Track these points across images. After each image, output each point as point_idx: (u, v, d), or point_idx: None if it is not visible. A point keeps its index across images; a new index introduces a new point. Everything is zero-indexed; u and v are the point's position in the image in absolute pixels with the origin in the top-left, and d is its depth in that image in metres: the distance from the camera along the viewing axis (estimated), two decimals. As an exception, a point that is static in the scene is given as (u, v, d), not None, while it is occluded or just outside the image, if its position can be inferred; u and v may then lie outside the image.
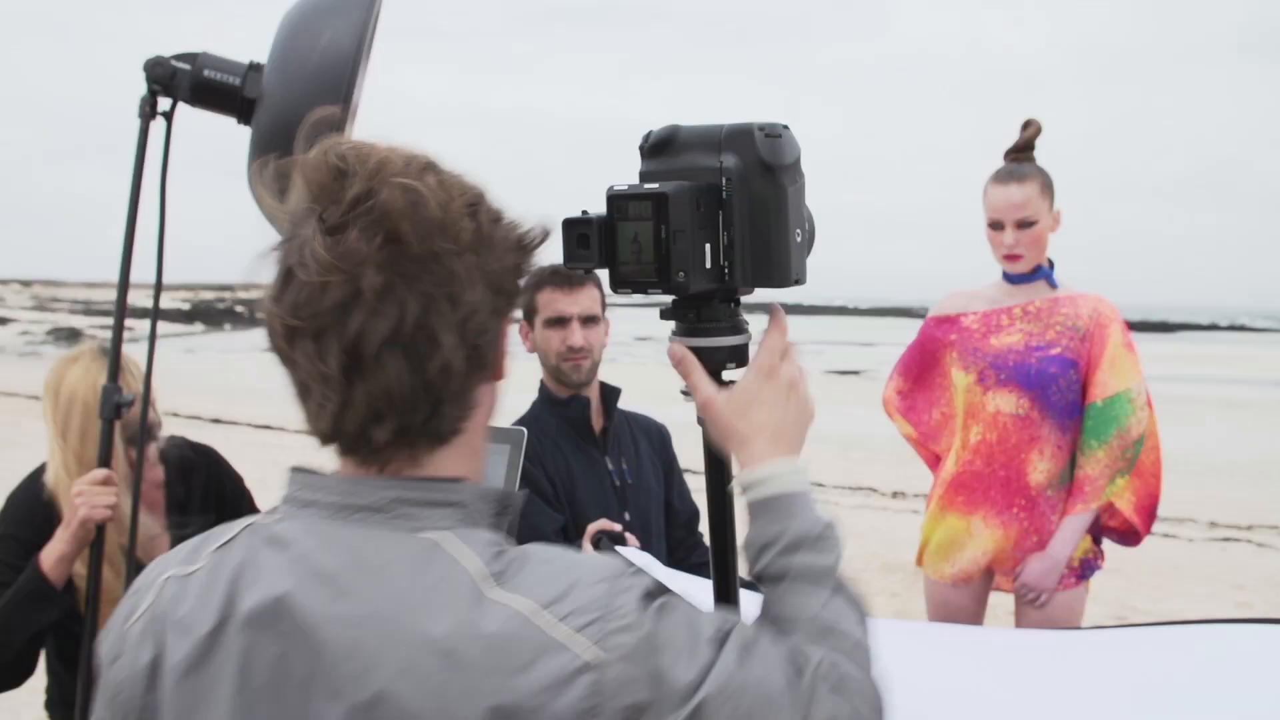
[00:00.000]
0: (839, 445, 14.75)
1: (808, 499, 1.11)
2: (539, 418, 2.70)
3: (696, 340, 1.16)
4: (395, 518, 0.98)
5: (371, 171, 0.96)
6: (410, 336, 0.95)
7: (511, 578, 0.95)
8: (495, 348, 1.02)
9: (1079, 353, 3.06)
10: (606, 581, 0.95)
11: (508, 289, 1.02)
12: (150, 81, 1.94)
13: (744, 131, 1.10)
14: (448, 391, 0.98)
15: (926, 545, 3.27)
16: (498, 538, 1.00)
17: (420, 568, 0.95)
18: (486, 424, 1.08)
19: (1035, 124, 3.12)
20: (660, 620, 0.94)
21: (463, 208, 0.98)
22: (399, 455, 1.01)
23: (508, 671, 0.90)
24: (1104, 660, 2.04)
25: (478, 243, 0.98)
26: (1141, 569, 7.70)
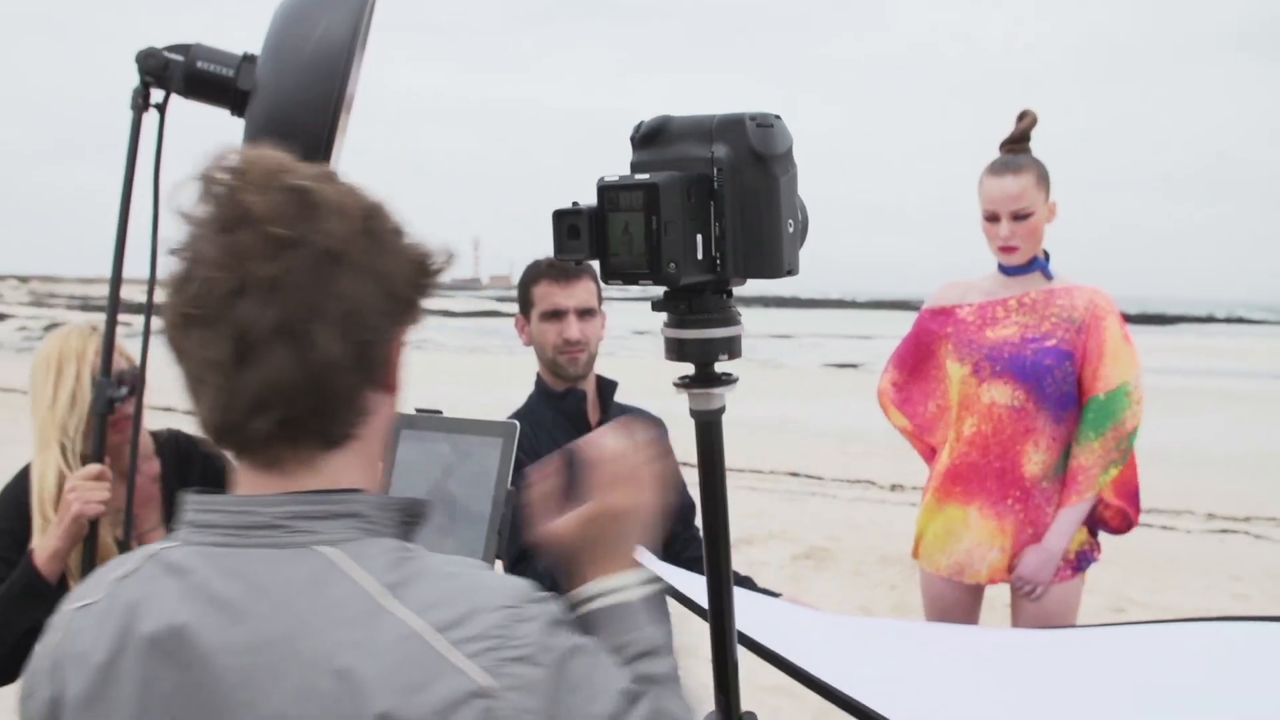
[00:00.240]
0: (837, 439, 14.75)
1: (646, 609, 1.14)
2: (535, 411, 2.69)
3: (688, 332, 1.16)
4: (292, 533, 0.99)
5: (267, 175, 1.00)
6: (295, 328, 0.97)
7: (410, 591, 0.95)
8: (385, 354, 1.04)
9: (1074, 344, 3.06)
10: (509, 609, 0.96)
11: (404, 298, 1.05)
12: (143, 73, 1.93)
13: (735, 121, 1.09)
14: (334, 389, 1.00)
15: (922, 537, 3.26)
16: (400, 546, 1.01)
17: (315, 586, 0.96)
18: (383, 436, 1.09)
19: (1031, 115, 3.12)
20: (570, 660, 0.96)
21: (357, 212, 1.02)
22: (288, 457, 1.02)
23: (402, 691, 0.91)
24: (1102, 660, 2.04)
25: (371, 247, 1.02)
26: (1138, 560, 7.71)
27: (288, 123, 1.77)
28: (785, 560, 7.77)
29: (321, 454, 1.03)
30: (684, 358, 1.17)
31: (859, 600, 6.80)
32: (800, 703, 4.72)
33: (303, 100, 1.77)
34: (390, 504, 1.05)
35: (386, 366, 1.05)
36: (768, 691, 4.89)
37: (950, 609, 3.21)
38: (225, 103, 1.91)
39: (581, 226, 1.09)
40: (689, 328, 1.16)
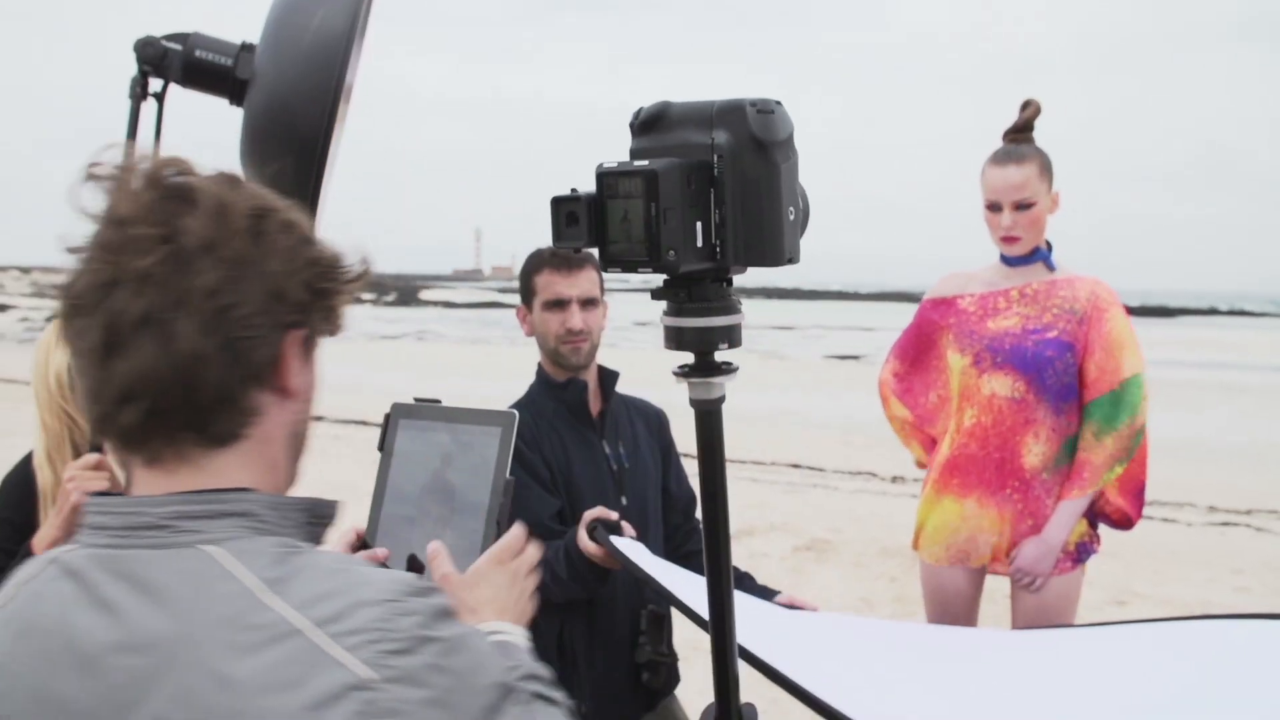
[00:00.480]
0: (838, 430, 14.75)
1: (532, 653, 1.21)
2: (536, 401, 2.68)
3: (687, 320, 1.15)
4: (177, 533, 1.00)
5: (151, 172, 1.03)
6: (158, 320, 0.99)
7: (291, 587, 0.97)
8: (268, 354, 1.05)
9: (1076, 336, 3.05)
10: (390, 602, 0.97)
11: (292, 299, 1.06)
12: (141, 62, 1.92)
13: (736, 107, 1.08)
14: (203, 384, 1.01)
15: (922, 529, 3.26)
16: (286, 543, 1.02)
17: (198, 585, 0.97)
18: (281, 438, 1.10)
19: (1034, 104, 3.10)
20: (451, 651, 0.98)
21: (245, 211, 1.04)
22: (169, 454, 1.04)
23: (278, 688, 0.92)
24: (1101, 662, 2.04)
25: (253, 247, 1.03)
26: (1140, 553, 7.71)
27: (286, 112, 1.77)
28: (786, 552, 7.77)
29: (205, 452, 1.05)
30: (683, 346, 1.16)
31: (860, 592, 6.80)
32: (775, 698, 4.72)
33: (301, 90, 1.76)
34: (288, 504, 1.07)
35: (274, 368, 1.06)
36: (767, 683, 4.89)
37: (951, 600, 3.21)
38: (224, 92, 1.90)
39: (580, 213, 1.08)
40: (688, 316, 1.15)
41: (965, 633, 2.83)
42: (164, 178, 1.03)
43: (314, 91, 1.73)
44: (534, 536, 2.48)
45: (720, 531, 1.25)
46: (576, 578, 2.38)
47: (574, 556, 2.36)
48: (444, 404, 1.50)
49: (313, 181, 1.79)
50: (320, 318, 1.11)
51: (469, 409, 1.48)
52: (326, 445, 12.06)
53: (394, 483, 1.48)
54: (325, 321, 1.13)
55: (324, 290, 1.09)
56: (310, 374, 1.13)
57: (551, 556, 2.42)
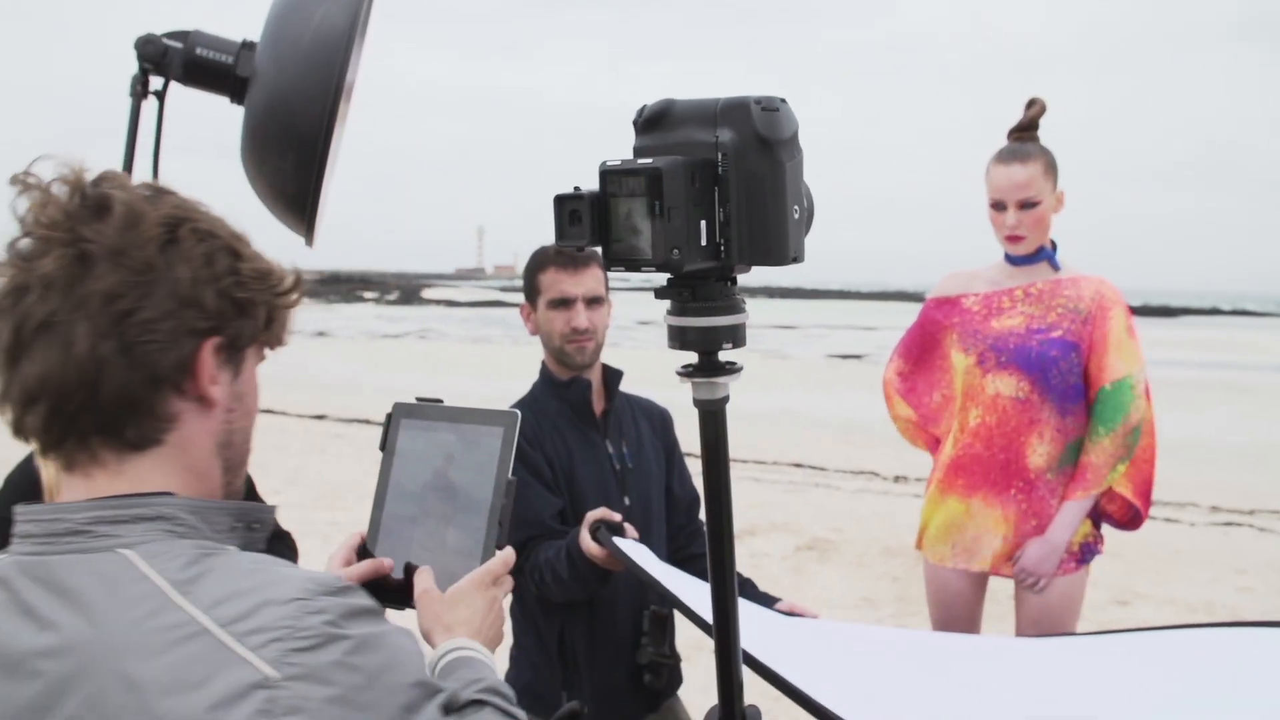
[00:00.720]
0: (840, 429, 14.74)
1: (497, 674, 1.24)
2: (539, 399, 2.67)
3: (691, 320, 1.14)
4: (95, 538, 1.02)
5: (76, 182, 1.05)
6: (58, 324, 1.01)
7: (200, 587, 0.97)
8: (175, 360, 1.05)
9: (1080, 335, 3.04)
10: (299, 600, 0.97)
11: (206, 307, 1.07)
12: (141, 60, 1.90)
13: (740, 105, 1.07)
14: (105, 388, 1.02)
15: (926, 529, 3.25)
16: (201, 546, 1.03)
17: (111, 588, 0.98)
18: (206, 445, 1.11)
19: (1040, 103, 3.09)
20: (361, 650, 0.98)
21: (158, 220, 1.05)
22: (83, 459, 1.06)
23: (183, 688, 0.92)
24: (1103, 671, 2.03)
25: (164, 254, 1.04)
26: (1143, 553, 7.69)
27: (287, 110, 1.76)
28: (788, 551, 7.76)
29: (120, 457, 1.06)
30: (687, 346, 1.15)
31: (862, 592, 6.79)
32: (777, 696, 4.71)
33: (302, 88, 1.75)
34: (214, 509, 1.08)
35: (187, 374, 1.07)
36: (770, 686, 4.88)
37: (954, 600, 3.20)
38: (225, 90, 1.89)
39: (583, 212, 1.07)
40: (692, 315, 1.14)
41: (967, 640, 2.82)
42: (85, 187, 1.06)
43: (315, 89, 1.72)
44: (536, 536, 2.49)
45: (724, 533, 1.24)
46: (577, 578, 2.37)
47: (575, 557, 2.35)
48: (446, 403, 1.50)
49: (313, 180, 1.78)
50: (247, 327, 1.12)
51: (471, 409, 1.47)
52: (328, 444, 12.06)
53: (396, 482, 1.48)
54: (261, 331, 1.14)
55: (245, 300, 1.10)
56: (241, 383, 1.14)
57: (553, 556, 2.41)
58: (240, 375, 1.14)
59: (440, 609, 1.32)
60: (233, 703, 0.92)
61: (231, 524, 1.10)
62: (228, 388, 1.12)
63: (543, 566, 2.44)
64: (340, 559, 1.45)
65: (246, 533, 1.12)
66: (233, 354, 1.12)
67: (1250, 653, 2.03)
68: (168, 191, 1.11)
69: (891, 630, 3.35)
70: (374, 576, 1.42)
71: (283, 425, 13.35)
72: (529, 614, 2.62)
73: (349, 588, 1.02)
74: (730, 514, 1.24)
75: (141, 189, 1.09)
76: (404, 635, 1.05)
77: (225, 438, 1.13)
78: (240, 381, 1.14)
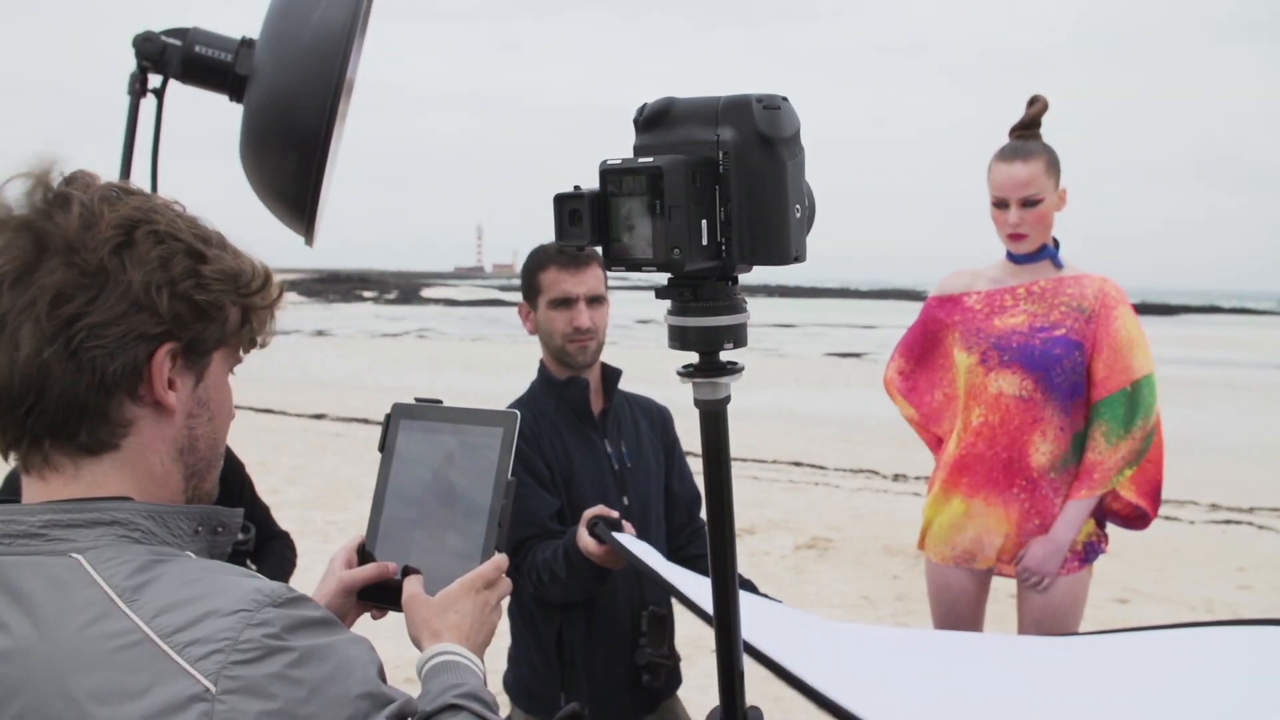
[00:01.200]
0: (839, 427, 14.74)
1: (483, 681, 1.24)
2: (536, 399, 2.66)
3: (692, 319, 1.13)
4: (49, 541, 1.01)
5: (29, 182, 1.05)
6: (9, 326, 1.01)
7: (146, 595, 0.96)
8: (126, 365, 1.04)
9: (1084, 334, 3.03)
10: (244, 612, 0.96)
11: (158, 311, 1.05)
12: (140, 58, 1.90)
13: (741, 103, 1.06)
14: (53, 392, 1.01)
15: (928, 528, 3.24)
16: (159, 552, 1.02)
17: (60, 593, 0.98)
18: (164, 450, 1.09)
19: (1042, 100, 3.08)
20: (303, 663, 0.96)
21: (114, 222, 1.03)
22: (37, 462, 1.05)
23: (122, 698, 0.92)
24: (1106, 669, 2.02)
25: (115, 256, 1.03)
26: (1143, 551, 7.69)
27: (286, 108, 1.75)
28: (788, 550, 7.76)
29: (75, 462, 1.05)
30: (688, 346, 1.15)
31: (861, 591, 6.79)
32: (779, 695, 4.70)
33: (302, 86, 1.74)
34: (173, 514, 1.07)
35: (140, 380, 1.05)
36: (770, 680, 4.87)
37: (957, 599, 3.19)
38: (223, 88, 1.88)
39: (583, 211, 1.06)
40: (693, 315, 1.13)
41: (968, 637, 2.81)
42: (49, 184, 1.05)
43: (314, 87, 1.72)
44: (533, 536, 2.48)
45: (726, 533, 1.23)
46: (575, 577, 2.36)
47: (573, 556, 2.34)
48: (445, 404, 1.49)
49: (314, 179, 1.77)
50: (210, 331, 1.09)
51: (470, 409, 1.47)
52: (327, 443, 12.06)
53: (395, 483, 1.47)
54: (232, 335, 1.12)
55: (206, 303, 1.08)
56: (205, 389, 1.12)
57: (550, 556, 2.40)
58: (204, 380, 1.11)
59: (428, 614, 1.31)
60: (170, 714, 0.91)
61: (194, 528, 1.09)
62: (188, 393, 1.10)
63: (540, 566, 2.43)
64: (341, 560, 1.44)
65: (211, 536, 1.11)
66: (194, 359, 1.10)
67: (1250, 651, 2.02)
68: (134, 192, 1.09)
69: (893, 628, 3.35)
70: (379, 579, 1.41)
71: (282, 424, 13.35)
72: (527, 614, 2.61)
73: (298, 598, 1.00)
74: (732, 516, 1.23)
75: (104, 190, 1.07)
76: (356, 644, 1.03)
77: (186, 443, 1.11)
78: (204, 387, 1.12)
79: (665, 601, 2.62)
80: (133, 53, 1.90)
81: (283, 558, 2.71)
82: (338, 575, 1.41)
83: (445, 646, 1.27)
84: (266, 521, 2.74)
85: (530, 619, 2.60)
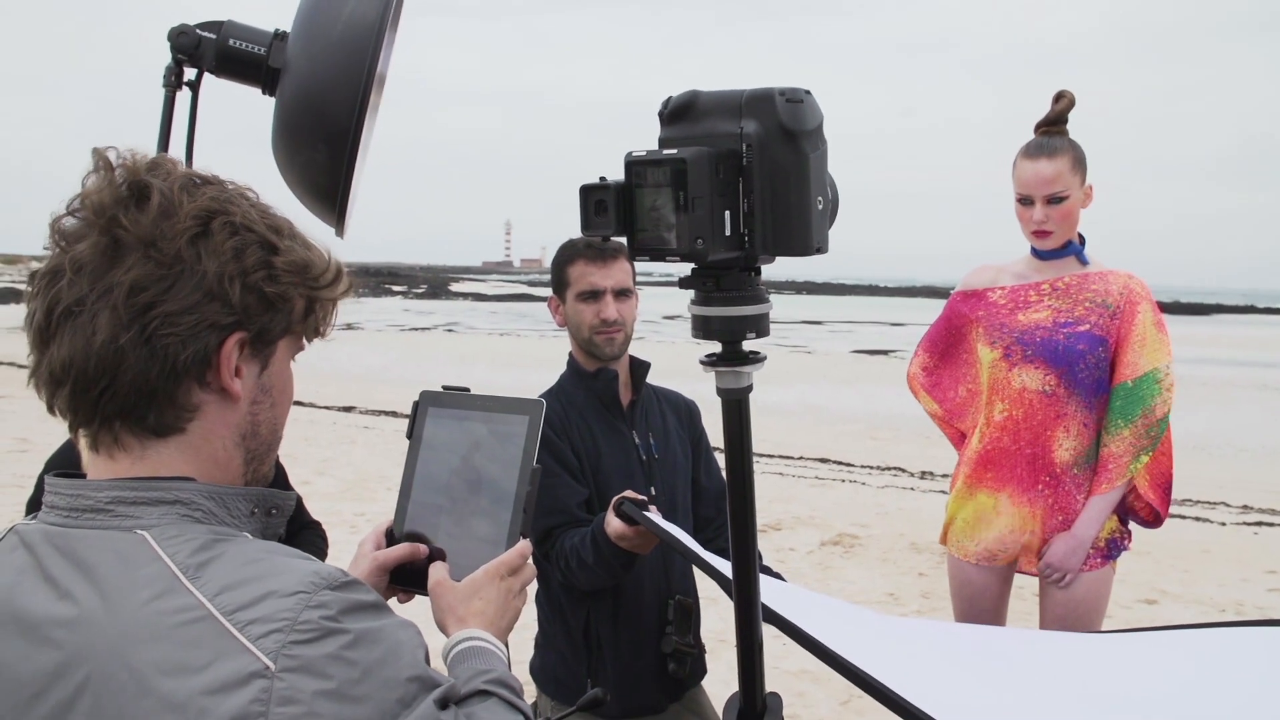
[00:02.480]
0: (866, 424, 14.69)
1: (508, 666, 1.26)
2: (566, 390, 2.69)
3: (715, 309, 1.15)
4: (115, 517, 1.05)
5: (131, 168, 1.07)
6: (83, 310, 1.04)
7: (209, 573, 0.99)
8: (197, 353, 1.07)
9: (1108, 330, 3.02)
10: (302, 594, 0.99)
11: (232, 301, 1.08)
12: (175, 51, 1.92)
13: (765, 96, 1.08)
14: (126, 376, 1.04)
15: (951, 523, 3.24)
16: (219, 532, 1.05)
17: (125, 566, 1.01)
18: (227, 435, 1.12)
19: (1068, 95, 3.07)
20: (358, 645, 0.99)
21: (192, 212, 1.06)
22: (108, 442, 1.09)
23: (184, 672, 0.94)
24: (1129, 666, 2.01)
25: (192, 246, 1.06)
26: (1171, 552, 7.64)
27: (317, 101, 1.77)
28: (813, 546, 7.76)
29: (142, 442, 1.08)
30: (711, 335, 1.16)
31: (887, 587, 6.78)
32: (826, 687, 4.71)
33: (332, 79, 1.76)
34: (232, 495, 1.10)
35: (209, 367, 1.08)
36: (793, 676, 4.89)
37: (979, 595, 3.20)
38: (256, 81, 1.90)
39: (609, 202, 1.08)
40: (716, 305, 1.15)
41: (991, 631, 2.81)
42: (134, 175, 1.07)
43: (346, 81, 1.74)
44: (562, 524, 2.50)
45: (747, 522, 1.25)
46: (602, 562, 2.38)
47: (600, 542, 2.36)
48: (472, 392, 1.51)
49: (345, 171, 1.79)
50: (278, 321, 1.12)
51: (497, 397, 1.49)
52: (356, 435, 12.14)
53: (422, 470, 1.49)
54: (297, 323, 1.14)
55: (276, 294, 1.11)
56: (269, 376, 1.15)
57: (578, 542, 2.43)
58: (269, 368, 1.15)
59: (454, 600, 1.33)
60: (231, 689, 0.93)
61: (250, 509, 1.12)
62: (253, 380, 1.13)
63: (568, 553, 2.46)
64: (371, 543, 1.46)
65: (265, 518, 1.14)
66: (260, 347, 1.13)
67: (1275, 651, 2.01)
68: (211, 181, 1.12)
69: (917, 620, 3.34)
70: (410, 560, 1.43)
71: (312, 417, 13.45)
72: (554, 602, 2.64)
73: (352, 582, 1.03)
74: (753, 504, 1.25)
75: (183, 179, 1.09)
76: (405, 629, 1.06)
77: (249, 428, 1.14)
78: (269, 374, 1.15)
79: (692, 590, 2.64)
80: (167, 46, 1.93)
81: (315, 546, 2.75)
82: (370, 555, 1.43)
83: (471, 632, 1.29)
84: (299, 510, 2.78)
85: (558, 606, 2.63)
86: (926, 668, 1.89)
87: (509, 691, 1.18)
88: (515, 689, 1.21)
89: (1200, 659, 2.03)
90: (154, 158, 1.10)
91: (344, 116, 1.75)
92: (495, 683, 1.18)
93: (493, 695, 1.16)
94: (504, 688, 1.18)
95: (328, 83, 1.76)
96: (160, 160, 1.10)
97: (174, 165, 1.11)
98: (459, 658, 1.26)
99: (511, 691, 1.19)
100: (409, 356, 24.20)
